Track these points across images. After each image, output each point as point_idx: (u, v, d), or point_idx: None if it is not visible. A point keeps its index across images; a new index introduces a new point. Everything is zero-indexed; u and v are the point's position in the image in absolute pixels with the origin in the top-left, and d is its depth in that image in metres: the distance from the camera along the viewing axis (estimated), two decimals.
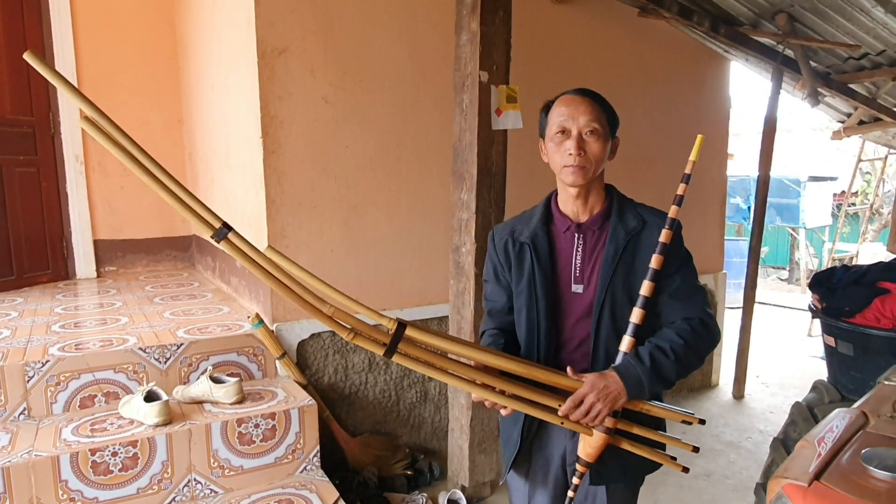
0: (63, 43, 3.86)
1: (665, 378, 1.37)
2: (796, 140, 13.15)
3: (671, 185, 3.77)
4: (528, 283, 1.48)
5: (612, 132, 1.46)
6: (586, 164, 1.41)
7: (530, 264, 1.48)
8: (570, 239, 1.48)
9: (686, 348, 1.38)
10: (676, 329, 1.41)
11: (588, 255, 1.46)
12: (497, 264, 1.57)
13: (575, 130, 1.41)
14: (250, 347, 2.75)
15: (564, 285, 1.47)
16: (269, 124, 2.73)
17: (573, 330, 1.47)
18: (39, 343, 2.57)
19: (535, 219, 1.52)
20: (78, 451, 2.08)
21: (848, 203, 9.65)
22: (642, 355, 1.36)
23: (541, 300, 1.46)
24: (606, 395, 1.34)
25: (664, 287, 1.42)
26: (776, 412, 4.18)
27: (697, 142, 1.38)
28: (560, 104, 1.45)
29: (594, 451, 1.40)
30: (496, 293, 1.59)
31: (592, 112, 1.41)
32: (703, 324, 1.43)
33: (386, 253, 3.10)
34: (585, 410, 1.34)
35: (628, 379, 1.35)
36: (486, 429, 2.81)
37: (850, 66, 4.45)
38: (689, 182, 1.40)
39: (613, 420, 1.38)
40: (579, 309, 1.46)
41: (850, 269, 2.97)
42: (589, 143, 1.41)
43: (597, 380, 1.35)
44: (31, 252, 3.77)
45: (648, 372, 1.35)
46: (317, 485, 2.40)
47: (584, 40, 3.70)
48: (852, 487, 1.25)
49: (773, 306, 8.13)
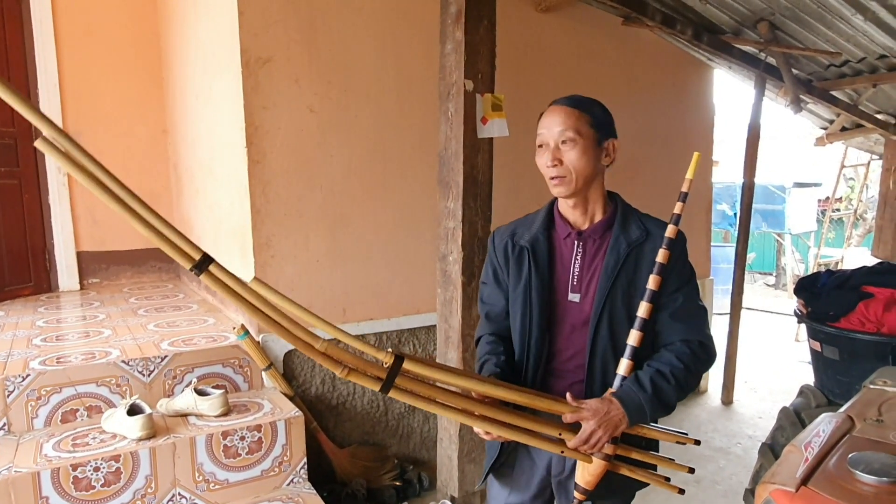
0: (46, 54, 3.83)
1: (666, 403, 1.35)
2: (781, 147, 13.29)
3: (656, 192, 3.80)
4: (524, 289, 1.45)
5: (600, 136, 1.43)
6: (565, 174, 1.39)
7: (528, 269, 1.45)
8: (569, 246, 1.46)
9: (686, 372, 1.37)
10: (676, 353, 1.38)
11: (587, 264, 1.43)
12: (497, 266, 1.54)
13: (551, 142, 1.40)
14: (236, 359, 2.72)
15: (561, 293, 1.44)
16: (253, 134, 2.72)
17: (567, 340, 1.44)
18: (20, 357, 2.52)
19: (537, 223, 1.50)
20: (59, 466, 2.04)
21: (832, 209, 9.76)
22: (643, 381, 1.34)
23: (535, 307, 1.43)
24: (608, 422, 1.31)
25: (664, 305, 1.39)
26: (765, 417, 4.19)
27: (694, 159, 1.37)
28: (542, 117, 1.45)
29: (593, 479, 1.37)
30: (494, 296, 1.56)
31: (566, 121, 1.39)
32: (703, 346, 1.41)
33: (373, 262, 3.09)
34: (585, 438, 1.32)
35: (630, 406, 1.33)
36: (475, 438, 2.79)
37: (832, 73, 4.50)
38: (685, 201, 1.38)
39: (612, 447, 1.36)
40: (575, 318, 1.43)
41: (834, 274, 2.99)
42: (565, 153, 1.39)
43: (599, 406, 1.32)
44: (12, 265, 3.72)
45: (650, 399, 1.33)
46: (304, 497, 2.37)
47: (568, 49, 3.73)
48: (839, 492, 1.25)
49: (761, 312, 8.18)
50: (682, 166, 1.38)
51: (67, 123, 3.94)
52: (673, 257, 1.37)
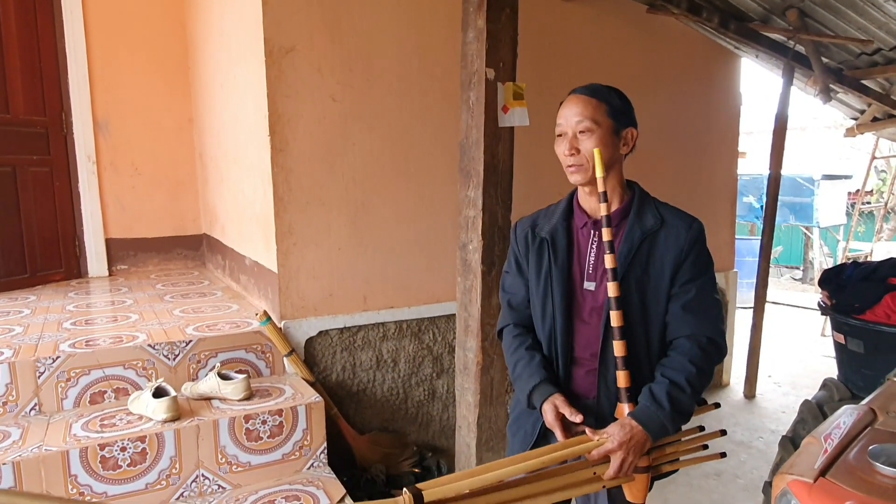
0: (76, 45, 3.90)
1: (685, 413, 1.37)
2: (810, 138, 13.02)
3: (680, 183, 3.76)
4: (545, 279, 1.47)
5: (618, 125, 1.42)
6: (582, 162, 1.40)
7: (547, 260, 1.47)
8: (586, 235, 1.47)
9: (699, 376, 1.37)
10: (688, 356, 1.37)
11: (602, 252, 1.43)
12: (518, 256, 1.57)
13: (569, 132, 1.41)
14: (258, 345, 2.76)
15: (578, 282, 1.46)
16: (276, 122, 2.75)
17: (585, 328, 1.45)
18: (51, 340, 2.59)
19: (557, 214, 1.52)
20: (87, 446, 2.10)
21: (862, 201, 9.54)
22: (660, 398, 1.34)
23: (556, 296, 1.45)
24: (634, 448, 1.33)
25: (677, 295, 1.39)
26: (788, 412, 4.13)
27: (596, 155, 1.35)
28: (561, 106, 1.46)
29: (641, 493, 1.39)
30: (516, 285, 1.58)
31: (584, 111, 1.40)
32: (713, 343, 1.40)
33: (393, 250, 3.11)
34: (618, 468, 1.34)
35: (652, 427, 1.34)
36: (493, 427, 2.81)
37: (863, 61, 4.39)
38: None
39: (647, 458, 1.37)
40: (590, 307, 1.44)
41: (860, 266, 2.94)
42: (582, 142, 1.40)
43: (622, 436, 1.32)
44: (44, 251, 3.82)
45: (670, 415, 1.34)
46: (324, 481, 2.41)
47: (591, 37, 3.69)
48: (858, 483, 1.24)
49: (787, 306, 8.05)
50: (706, 158, 1.37)
51: (96, 113, 4.02)
52: (687, 246, 1.38)
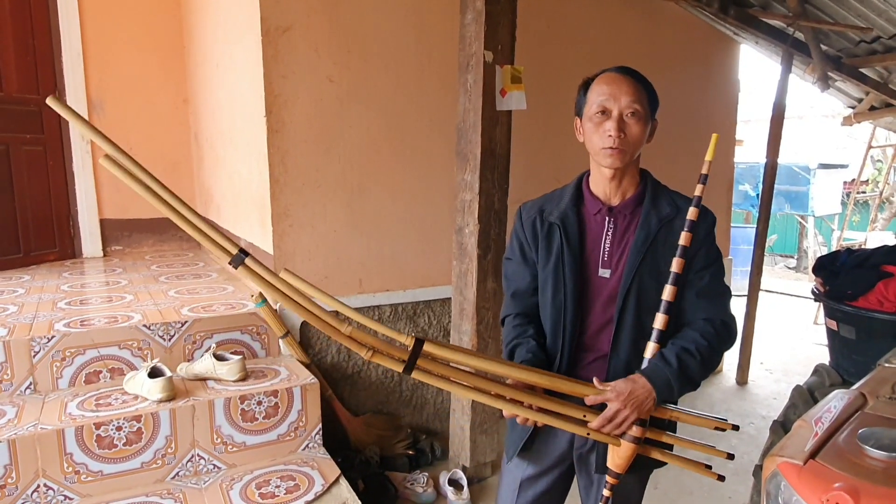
0: (70, 23, 3.86)
1: (692, 379, 1.35)
2: (807, 127, 13.02)
3: (677, 168, 3.74)
4: (555, 265, 1.44)
5: (652, 114, 1.41)
6: (625, 146, 1.36)
7: (559, 246, 1.43)
8: (600, 222, 1.44)
9: (710, 350, 1.36)
10: (700, 330, 1.38)
11: (618, 240, 1.42)
12: (524, 242, 1.52)
13: (616, 111, 1.36)
14: (254, 326, 2.76)
15: (592, 269, 1.43)
16: (272, 103, 2.73)
17: (597, 315, 1.43)
18: (45, 319, 2.59)
19: (566, 199, 1.48)
20: (83, 424, 2.11)
21: (858, 191, 9.57)
22: (668, 357, 1.33)
23: (569, 283, 1.42)
24: (633, 401, 1.31)
25: (691, 282, 1.39)
26: (779, 398, 4.17)
27: (713, 141, 1.34)
28: (601, 82, 1.40)
29: (623, 462, 1.37)
30: (520, 273, 1.54)
31: (635, 93, 1.37)
32: (725, 325, 1.40)
33: (389, 233, 3.11)
34: (609, 417, 1.32)
35: (657, 382, 1.32)
36: (487, 410, 2.83)
37: (862, 49, 4.38)
38: (706, 182, 1.36)
39: (641, 429, 1.35)
40: (604, 294, 1.42)
41: (853, 253, 2.95)
42: (629, 126, 1.37)
43: (623, 386, 1.32)
44: (38, 230, 3.80)
45: (677, 373, 1.32)
46: (319, 462, 2.43)
47: (590, 21, 3.67)
48: (847, 466, 1.26)
49: (781, 294, 8.10)
50: (703, 144, 1.36)
51: (91, 93, 3.98)
52: (702, 236, 1.37)
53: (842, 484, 1.19)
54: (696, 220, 1.35)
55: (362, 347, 1.30)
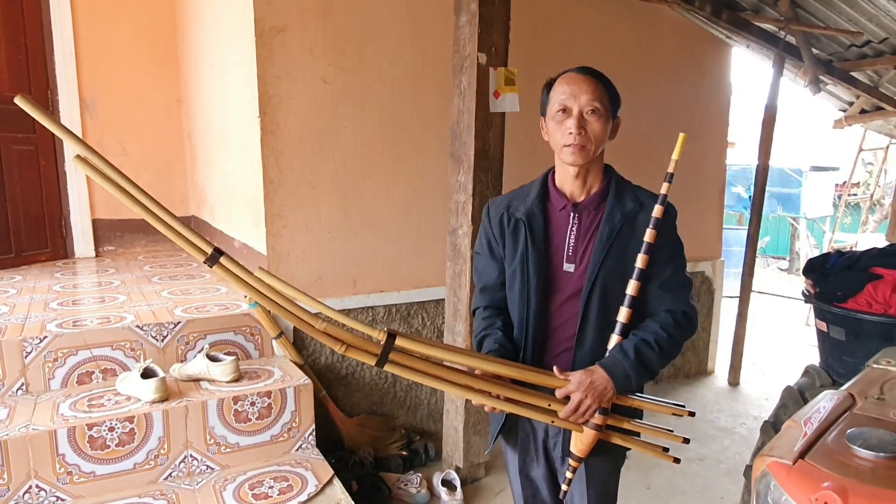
0: (62, 22, 3.84)
1: (650, 369, 1.40)
2: (799, 130, 13.10)
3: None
4: (521, 260, 1.48)
5: (613, 112, 1.46)
6: (587, 143, 1.40)
7: (524, 241, 1.47)
8: (565, 217, 1.48)
9: (669, 341, 1.42)
10: (661, 322, 1.43)
11: (582, 235, 1.46)
12: (491, 238, 1.57)
13: (576, 109, 1.40)
14: (247, 327, 2.76)
15: (557, 264, 1.47)
16: (266, 104, 2.73)
17: (562, 309, 1.48)
18: (37, 320, 2.58)
19: (532, 195, 1.52)
20: (75, 425, 2.10)
21: (849, 193, 9.64)
22: (627, 349, 1.39)
23: (532, 278, 1.46)
24: (593, 391, 1.36)
25: (654, 275, 1.43)
26: (771, 399, 4.20)
27: (679, 141, 1.38)
28: (562, 82, 1.44)
29: (585, 448, 1.43)
30: (488, 268, 1.59)
31: (594, 91, 1.41)
32: (686, 316, 1.46)
33: (383, 235, 3.11)
34: (573, 408, 1.37)
35: (615, 373, 1.37)
36: (480, 410, 2.82)
37: (853, 53, 4.42)
38: (671, 182, 1.40)
39: (603, 417, 1.40)
40: (569, 288, 1.46)
41: (843, 255, 2.97)
42: (590, 123, 1.41)
43: (583, 377, 1.37)
44: (29, 231, 3.78)
45: (634, 364, 1.37)
46: (312, 463, 2.43)
47: (584, 23, 3.69)
48: (836, 466, 1.27)
49: (772, 296, 8.15)
50: (696, 146, 1.38)
51: (83, 91, 3.97)
52: (665, 230, 1.41)
53: (830, 483, 1.21)
54: (662, 218, 1.39)
55: (336, 342, 1.33)
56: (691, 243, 1.49)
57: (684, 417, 1.48)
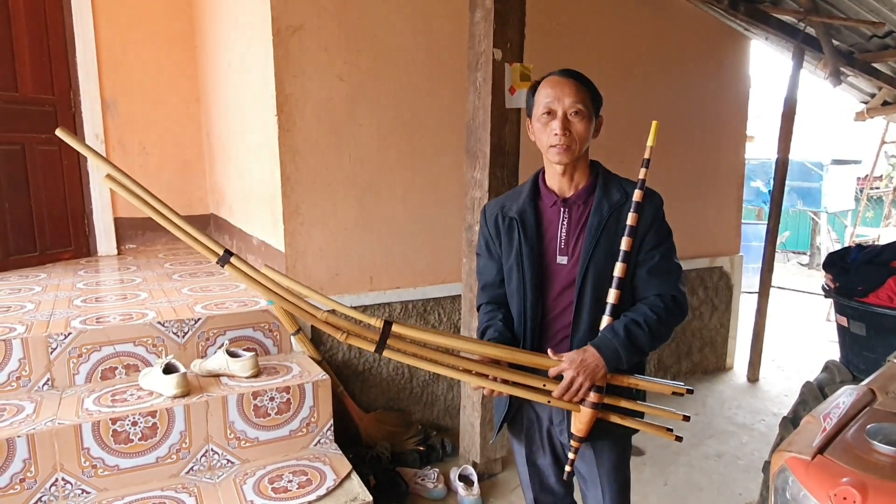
0: (83, 24, 3.91)
1: (639, 348, 1.45)
2: (819, 122, 12.90)
3: (687, 166, 3.74)
4: (516, 257, 1.55)
5: (596, 111, 1.53)
6: (571, 143, 1.47)
7: (518, 238, 1.55)
8: (556, 213, 1.55)
9: (659, 323, 1.47)
10: (650, 305, 1.49)
11: (573, 228, 1.53)
12: (489, 238, 1.65)
13: (560, 111, 1.47)
14: (266, 323, 2.80)
15: (550, 258, 1.55)
16: (283, 102, 2.75)
17: (558, 299, 1.54)
18: (62, 316, 2.63)
19: (524, 195, 1.60)
20: (99, 420, 2.15)
21: (871, 186, 9.48)
22: (617, 329, 1.45)
23: (527, 272, 1.53)
24: (585, 369, 1.41)
25: (643, 261, 1.50)
26: (790, 395, 4.15)
27: (653, 128, 1.44)
28: (546, 86, 1.51)
29: (584, 427, 1.48)
30: (488, 267, 1.67)
31: (577, 93, 1.47)
32: (675, 300, 1.51)
33: (399, 231, 3.13)
34: (566, 386, 1.43)
35: (605, 350, 1.43)
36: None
37: (874, 44, 4.35)
38: (648, 167, 1.46)
39: (598, 395, 1.45)
40: (563, 279, 1.53)
41: (864, 249, 2.94)
42: (574, 124, 1.47)
43: (574, 356, 1.43)
44: (53, 229, 3.85)
45: (624, 342, 1.43)
46: (330, 457, 2.45)
47: (600, 18, 3.66)
48: (855, 461, 1.26)
49: (793, 291, 8.05)
50: (714, 140, 1.39)
51: (104, 92, 4.03)
52: (650, 218, 1.48)
53: (849, 479, 1.20)
54: (642, 202, 1.46)
55: (337, 330, 1.42)
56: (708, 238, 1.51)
57: (704, 410, 1.50)
